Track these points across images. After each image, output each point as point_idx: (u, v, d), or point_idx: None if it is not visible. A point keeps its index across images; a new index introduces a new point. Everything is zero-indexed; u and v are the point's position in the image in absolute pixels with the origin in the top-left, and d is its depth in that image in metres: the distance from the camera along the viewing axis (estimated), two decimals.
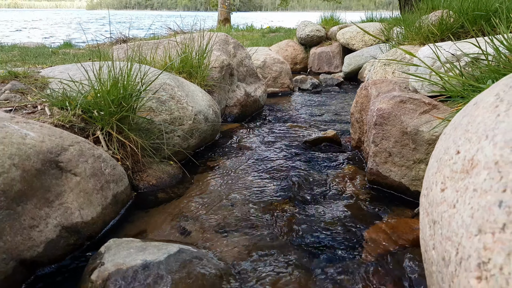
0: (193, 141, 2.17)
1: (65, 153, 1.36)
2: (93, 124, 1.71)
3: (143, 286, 1.06)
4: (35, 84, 1.90)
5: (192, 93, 2.32)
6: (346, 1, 22.68)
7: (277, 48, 7.91)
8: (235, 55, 3.63)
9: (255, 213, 1.65)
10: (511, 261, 0.56)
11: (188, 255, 1.20)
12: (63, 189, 1.32)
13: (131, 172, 1.79)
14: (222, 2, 15.04)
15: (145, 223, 1.56)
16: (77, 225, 1.33)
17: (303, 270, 1.26)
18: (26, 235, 1.16)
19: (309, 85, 5.53)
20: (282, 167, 2.16)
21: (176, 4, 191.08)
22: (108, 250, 1.21)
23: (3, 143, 1.14)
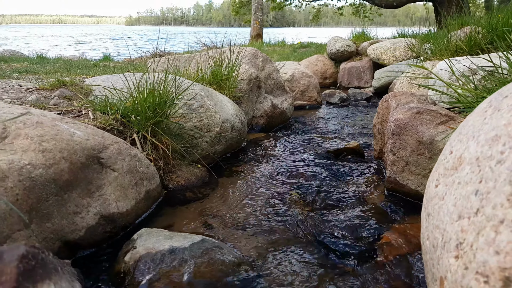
0: (220, 147, 2.31)
1: (106, 151, 1.54)
2: (131, 127, 1.89)
3: (169, 268, 1.19)
4: (80, 91, 2.12)
5: (220, 103, 2.48)
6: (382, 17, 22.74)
7: (307, 63, 8.03)
8: (263, 68, 3.79)
9: (275, 214, 1.76)
10: (479, 239, 0.65)
11: (210, 244, 1.33)
12: (103, 182, 1.49)
13: (163, 173, 1.95)
14: (255, 18, 15.38)
15: (173, 217, 1.71)
16: (113, 215, 1.49)
17: (316, 266, 1.36)
18: (70, 220, 1.32)
19: (337, 99, 5.61)
20: (304, 174, 2.27)
21: (210, 21, 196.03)
22: (140, 237, 1.36)
23: (55, 139, 1.32)
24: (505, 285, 0.57)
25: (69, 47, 16.61)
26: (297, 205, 1.86)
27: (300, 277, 1.28)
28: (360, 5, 17.74)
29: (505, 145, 0.69)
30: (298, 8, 18.43)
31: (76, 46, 17.38)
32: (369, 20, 18.01)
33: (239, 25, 38.39)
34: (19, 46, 15.93)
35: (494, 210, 0.64)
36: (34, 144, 1.25)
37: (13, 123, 1.28)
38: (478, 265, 0.63)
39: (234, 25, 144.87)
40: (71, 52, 12.19)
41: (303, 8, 18.63)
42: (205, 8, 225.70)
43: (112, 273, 1.26)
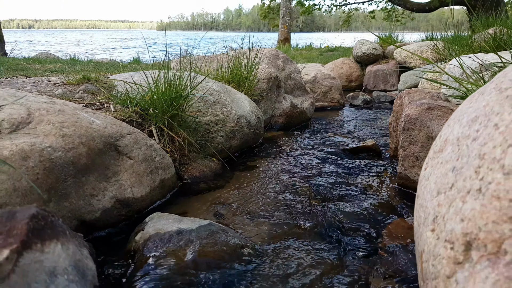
0: (235, 142, 2.38)
1: (123, 139, 1.63)
2: (149, 120, 1.99)
3: (176, 247, 1.26)
4: (104, 86, 2.24)
5: (237, 100, 2.55)
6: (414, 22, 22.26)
7: (332, 66, 8.01)
8: (283, 68, 3.85)
9: (284, 205, 1.81)
10: (450, 210, 0.68)
11: (216, 227, 1.39)
12: (119, 169, 1.59)
13: (178, 164, 2.03)
14: (283, 22, 15.45)
15: (186, 206, 1.78)
16: (128, 199, 1.58)
17: (319, 253, 1.40)
18: (87, 201, 1.42)
19: (361, 101, 5.58)
20: (317, 170, 2.30)
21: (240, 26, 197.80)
22: (151, 220, 1.44)
23: (74, 125, 1.42)
24: (466, 249, 0.61)
25: (101, 51, 17.25)
26: (307, 197, 1.90)
27: (301, 263, 1.32)
28: (392, 9, 17.47)
29: (481, 124, 0.72)
30: (327, 13, 18.34)
31: (108, 50, 18.03)
32: (402, 24, 17.72)
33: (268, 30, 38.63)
34: (53, 49, 16.71)
35: (464, 182, 0.67)
36: (55, 129, 1.36)
37: (37, 110, 1.39)
38: (447, 234, 0.66)
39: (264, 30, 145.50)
40: (102, 55, 12.66)
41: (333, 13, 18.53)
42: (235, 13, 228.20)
43: (124, 251, 1.34)
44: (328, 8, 18.03)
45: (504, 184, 0.57)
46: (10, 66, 3.54)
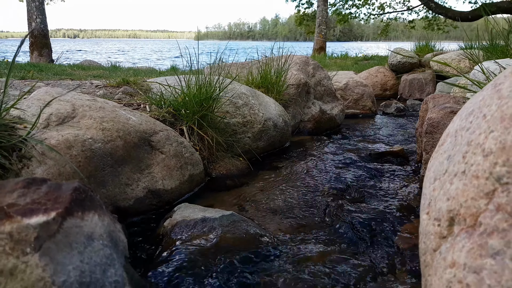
0: (261, 143, 2.48)
1: (156, 135, 1.77)
2: (180, 119, 2.14)
3: (200, 232, 1.37)
4: (141, 89, 2.42)
5: (265, 103, 2.66)
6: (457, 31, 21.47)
7: (366, 74, 7.96)
8: (313, 75, 3.92)
9: (306, 203, 1.88)
10: (440, 194, 0.74)
11: (237, 218, 1.49)
12: (152, 162, 1.73)
13: (207, 162, 2.16)
14: (318, 31, 15.48)
15: (212, 200, 1.90)
16: (159, 191, 1.71)
17: (334, 247, 1.46)
18: (122, 189, 1.56)
19: (394, 109, 5.53)
20: (342, 172, 2.35)
21: (276, 35, 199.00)
22: (178, 209, 1.56)
23: (113, 120, 1.58)
24: (450, 224, 0.67)
25: (140, 59, 17.99)
26: (328, 197, 1.96)
27: (316, 253, 1.39)
28: (434, 18, 17.05)
29: (474, 116, 0.78)
30: (365, 22, 18.17)
31: (147, 58, 18.77)
32: (444, 32, 17.25)
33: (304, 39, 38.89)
34: (96, 57, 17.60)
35: (453, 167, 0.73)
36: (96, 124, 1.51)
37: (81, 106, 1.55)
38: (436, 213, 0.72)
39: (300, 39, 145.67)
40: (142, 63, 13.21)
41: (371, 22, 18.35)
42: (272, 23, 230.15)
43: (153, 235, 1.47)
44: (365, 17, 17.88)
45: (482, 165, 0.63)
46: (57, 72, 3.83)
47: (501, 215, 0.57)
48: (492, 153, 0.62)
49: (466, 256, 0.60)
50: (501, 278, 0.53)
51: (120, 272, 0.87)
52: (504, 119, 0.63)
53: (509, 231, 0.55)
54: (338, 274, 1.25)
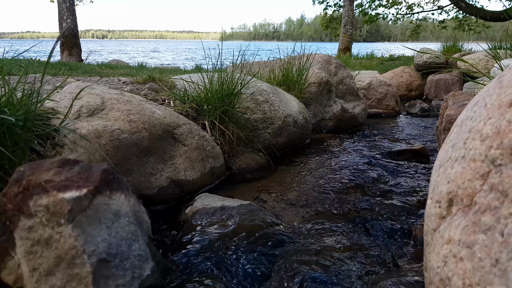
0: (281, 139, 2.54)
1: (179, 128, 1.86)
2: (202, 114, 2.22)
3: (219, 219, 1.44)
4: (166, 85, 2.52)
5: (286, 101, 2.71)
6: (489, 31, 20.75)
7: (391, 74, 7.86)
8: (335, 74, 3.94)
9: (323, 197, 1.92)
10: (442, 178, 0.78)
11: (255, 207, 1.55)
12: (175, 154, 1.81)
13: (227, 156, 2.23)
14: (344, 32, 15.35)
15: (232, 192, 1.97)
16: (181, 181, 1.79)
17: (350, 236, 1.50)
18: (147, 178, 1.65)
19: (418, 109, 5.46)
20: (360, 169, 2.38)
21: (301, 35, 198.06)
22: (199, 198, 1.64)
23: (139, 113, 1.67)
24: (449, 205, 0.71)
25: (167, 59, 18.36)
26: (346, 192, 2.00)
27: (330, 243, 1.43)
28: (464, 18, 16.58)
29: (478, 105, 0.81)
30: (393, 22, 17.88)
31: (173, 58, 19.14)
32: (476, 33, 16.77)
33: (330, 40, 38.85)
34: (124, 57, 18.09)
35: (455, 153, 0.77)
36: (123, 116, 1.61)
37: (109, 100, 1.66)
38: (437, 196, 0.76)
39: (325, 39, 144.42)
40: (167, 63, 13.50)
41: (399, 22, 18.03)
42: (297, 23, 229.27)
43: (175, 221, 1.55)
44: (393, 18, 17.59)
45: (479, 149, 0.67)
46: (86, 70, 4.01)
47: (493, 194, 0.61)
48: (488, 137, 0.66)
49: (461, 233, 0.64)
50: (490, 251, 0.57)
51: (144, 247, 0.94)
52: (501, 106, 0.67)
53: (500, 208, 0.59)
54: (352, 262, 1.29)
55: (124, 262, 0.86)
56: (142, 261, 0.90)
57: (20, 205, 0.83)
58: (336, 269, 1.23)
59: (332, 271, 1.21)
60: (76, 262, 0.79)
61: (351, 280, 1.16)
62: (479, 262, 0.58)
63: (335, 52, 15.20)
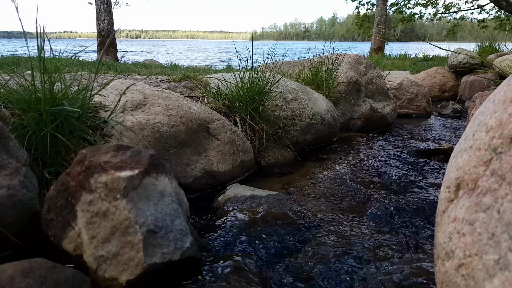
0: (309, 136, 2.63)
1: (213, 123, 1.99)
2: (234, 111, 2.35)
3: (249, 207, 1.56)
4: (200, 83, 2.66)
5: (314, 99, 2.80)
6: None
7: (424, 75, 7.75)
8: (365, 73, 3.98)
9: (348, 191, 2.01)
10: (452, 166, 0.86)
11: (282, 197, 1.66)
12: (209, 147, 1.95)
13: (257, 151, 2.35)
14: (377, 31, 15.13)
15: (260, 184, 2.08)
16: (214, 172, 1.93)
17: (372, 228, 1.58)
18: (183, 168, 1.80)
19: (450, 110, 5.39)
20: (386, 166, 2.44)
21: (333, 35, 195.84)
22: (230, 187, 1.76)
23: (177, 108, 1.81)
24: (457, 189, 0.79)
25: (198, 59, 18.74)
26: (370, 187, 2.07)
27: (352, 232, 1.52)
28: (507, 17, 15.93)
29: (490, 102, 0.89)
30: (430, 21, 17.45)
31: (205, 58, 19.51)
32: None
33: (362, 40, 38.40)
34: (157, 57, 18.62)
35: (465, 144, 0.85)
36: (163, 110, 1.76)
37: (150, 96, 1.81)
38: (447, 182, 0.85)
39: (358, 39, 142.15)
40: (199, 62, 13.80)
41: (435, 22, 17.56)
42: (329, 22, 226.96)
43: (209, 207, 1.69)
44: (430, 17, 17.15)
45: (484, 139, 0.75)
46: (122, 69, 4.24)
47: (494, 178, 0.69)
48: (492, 128, 0.74)
49: (465, 212, 0.72)
50: (488, 227, 0.66)
51: (184, 224, 1.07)
52: (506, 101, 0.75)
53: (498, 190, 0.67)
54: (372, 249, 1.38)
55: (168, 234, 0.99)
56: (183, 235, 1.03)
57: (82, 182, 0.98)
58: (356, 255, 1.32)
59: (352, 256, 1.30)
60: (129, 231, 0.93)
61: (369, 263, 1.25)
62: (478, 236, 0.67)
63: (367, 52, 15.01)
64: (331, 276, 1.19)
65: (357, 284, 1.17)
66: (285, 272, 1.22)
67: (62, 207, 1.05)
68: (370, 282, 1.18)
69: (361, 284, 1.17)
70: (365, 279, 1.20)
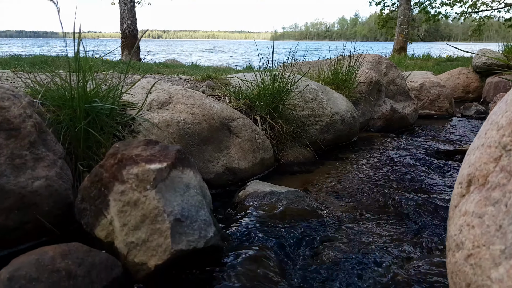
0: (328, 136, 2.67)
1: (234, 122, 2.06)
2: (255, 110, 2.41)
3: (268, 202, 1.62)
4: (221, 83, 2.74)
5: (334, 99, 2.83)
6: None
7: (448, 76, 7.63)
8: (386, 74, 3.98)
9: (365, 190, 2.04)
10: (465, 163, 0.90)
11: (301, 194, 1.71)
12: (230, 144, 2.02)
13: (276, 149, 2.40)
14: (399, 31, 14.91)
15: (279, 181, 2.13)
16: (234, 169, 1.99)
17: (389, 226, 1.61)
18: (205, 164, 1.87)
19: (473, 112, 5.31)
20: (405, 166, 2.45)
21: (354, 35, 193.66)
22: (250, 183, 1.83)
23: (200, 107, 1.89)
24: (468, 185, 0.83)
25: (219, 59, 18.92)
26: (388, 186, 2.09)
27: (367, 230, 1.56)
28: None
29: (502, 102, 0.92)
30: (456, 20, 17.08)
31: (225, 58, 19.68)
32: None
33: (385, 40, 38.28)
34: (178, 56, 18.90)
35: (478, 142, 0.88)
36: (187, 108, 1.83)
37: (175, 94, 1.89)
38: (459, 178, 0.88)
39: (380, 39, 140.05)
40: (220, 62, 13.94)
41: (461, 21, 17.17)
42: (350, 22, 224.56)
43: (229, 202, 1.76)
44: (457, 16, 16.78)
45: (495, 137, 0.79)
46: (145, 69, 4.36)
47: (503, 174, 0.73)
48: (502, 127, 0.77)
49: (475, 206, 0.76)
50: (496, 219, 0.70)
51: (208, 215, 1.14)
52: None
53: (507, 185, 0.71)
54: (387, 245, 1.42)
55: (193, 224, 1.06)
56: (206, 225, 1.10)
57: (115, 173, 1.06)
58: (372, 251, 1.36)
59: (368, 252, 1.34)
60: (158, 219, 1.00)
61: (385, 259, 1.29)
62: (487, 228, 0.71)
63: (389, 52, 14.82)
64: (346, 271, 1.23)
65: (371, 280, 1.21)
66: (302, 264, 1.27)
67: (95, 197, 1.13)
68: (384, 278, 1.22)
69: (376, 279, 1.21)
70: (380, 274, 1.24)
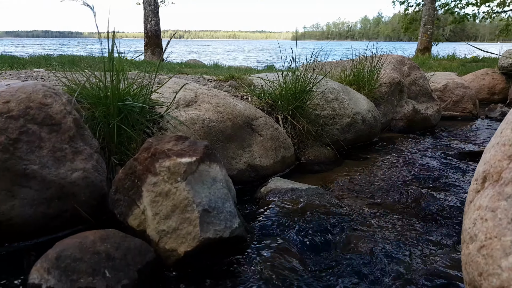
0: (349, 135, 2.70)
1: (256, 120, 2.13)
2: (276, 109, 2.47)
3: (289, 198, 1.68)
4: (244, 83, 2.81)
5: (355, 99, 2.86)
6: None
7: (472, 77, 7.50)
8: (408, 74, 3.97)
9: (385, 189, 2.07)
10: (481, 161, 0.94)
11: (321, 191, 1.76)
12: (252, 142, 2.08)
13: (297, 148, 2.46)
14: (424, 31, 14.66)
15: (300, 179, 2.18)
16: (256, 166, 2.06)
17: (407, 224, 1.64)
18: (228, 161, 1.94)
19: (498, 114, 5.22)
20: (425, 166, 2.46)
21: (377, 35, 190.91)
22: (272, 180, 1.89)
23: (225, 106, 1.96)
24: (483, 181, 0.87)
25: (240, 59, 19.06)
26: (407, 186, 2.12)
27: (386, 226, 1.60)
28: None
29: None
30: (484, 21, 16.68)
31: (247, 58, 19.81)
32: None
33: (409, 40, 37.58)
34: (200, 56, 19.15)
35: (494, 141, 0.92)
36: (212, 107, 1.91)
37: (201, 94, 1.97)
38: (475, 175, 0.92)
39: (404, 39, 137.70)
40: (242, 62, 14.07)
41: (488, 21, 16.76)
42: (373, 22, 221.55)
43: (252, 197, 1.82)
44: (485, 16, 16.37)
45: (509, 136, 0.82)
46: (169, 69, 4.48)
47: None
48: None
49: (488, 201, 0.80)
50: (508, 213, 0.74)
51: (233, 207, 1.21)
52: None
53: None
54: (406, 241, 1.45)
55: (219, 214, 1.13)
56: (231, 216, 1.17)
57: (148, 166, 1.14)
58: (390, 248, 1.40)
59: (387, 249, 1.38)
60: (187, 209, 1.07)
61: (405, 253, 1.33)
62: (499, 221, 0.75)
63: (413, 52, 14.58)
64: (367, 264, 1.28)
65: (393, 273, 1.26)
66: (322, 257, 1.33)
67: (129, 188, 1.22)
68: (405, 271, 1.26)
69: (397, 272, 1.26)
70: (400, 268, 1.28)
